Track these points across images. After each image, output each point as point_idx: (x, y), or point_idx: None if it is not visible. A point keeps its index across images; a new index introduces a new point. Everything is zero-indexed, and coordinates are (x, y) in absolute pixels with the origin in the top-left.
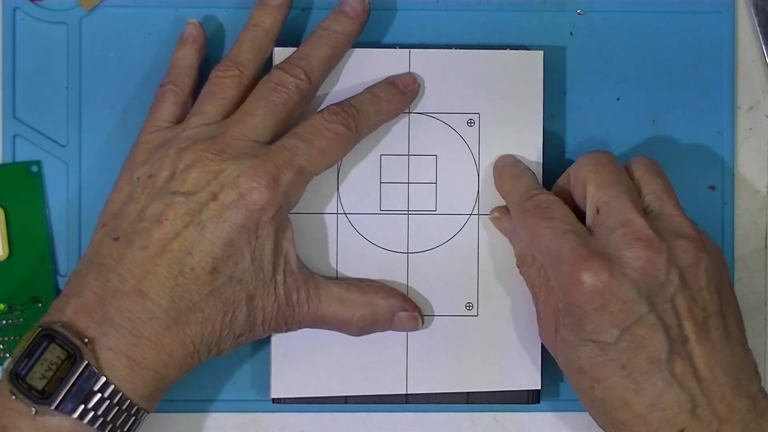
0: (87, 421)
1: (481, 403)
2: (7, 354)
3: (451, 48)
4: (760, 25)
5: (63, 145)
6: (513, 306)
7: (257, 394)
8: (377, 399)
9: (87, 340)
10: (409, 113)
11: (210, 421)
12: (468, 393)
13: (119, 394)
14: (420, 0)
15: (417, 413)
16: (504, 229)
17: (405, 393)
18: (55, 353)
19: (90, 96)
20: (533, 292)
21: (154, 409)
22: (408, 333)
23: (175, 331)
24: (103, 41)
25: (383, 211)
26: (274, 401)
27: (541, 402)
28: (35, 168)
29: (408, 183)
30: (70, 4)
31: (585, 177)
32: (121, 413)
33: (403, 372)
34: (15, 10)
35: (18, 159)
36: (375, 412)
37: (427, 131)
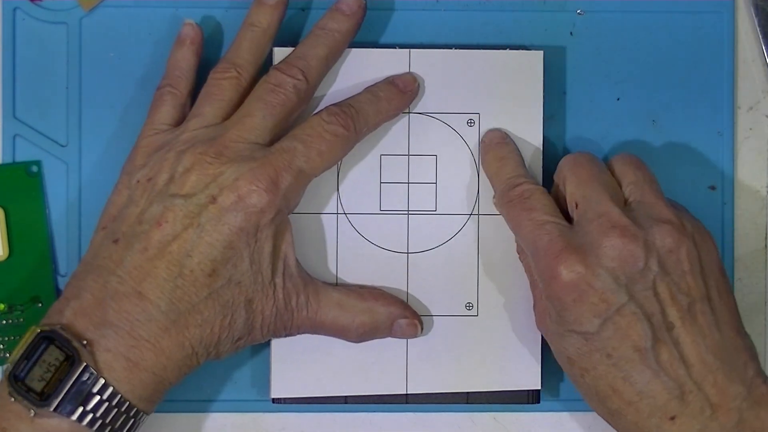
0: (86, 423)
1: (481, 403)
2: (7, 354)
3: (451, 48)
4: (760, 25)
5: (63, 145)
6: (513, 306)
7: (257, 394)
8: (377, 399)
9: (86, 342)
10: (409, 113)
11: (210, 421)
12: (468, 393)
13: (118, 395)
14: (420, 0)
15: (417, 413)
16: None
17: (405, 393)
18: (54, 355)
19: (90, 96)
20: (530, 279)
21: (152, 411)
22: None
23: (174, 333)
24: (103, 41)
25: (383, 211)
26: (274, 401)
27: (541, 402)
28: (35, 168)
29: (408, 183)
30: (70, 4)
31: (565, 176)
32: (120, 415)
33: (403, 372)
34: (15, 10)
35: (18, 159)
36: (375, 412)
37: (427, 131)
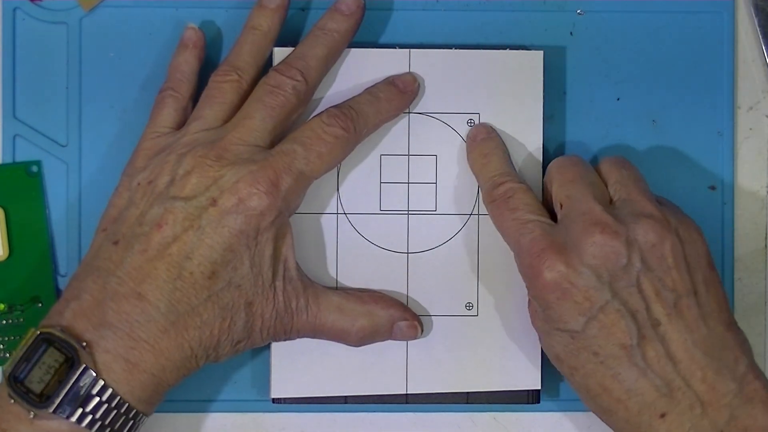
0: (85, 425)
1: (481, 403)
2: (7, 354)
3: (451, 48)
4: (760, 25)
5: (63, 145)
6: (513, 306)
7: (257, 394)
8: (377, 399)
9: (85, 343)
10: (409, 113)
11: (210, 421)
12: (468, 393)
13: (117, 397)
14: (420, 0)
15: (417, 413)
16: None
17: (405, 393)
18: (53, 357)
19: (90, 96)
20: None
21: (152, 413)
22: None
23: (173, 335)
24: (103, 41)
25: (383, 211)
26: (274, 401)
27: (541, 402)
28: (35, 168)
29: (408, 183)
30: (70, 4)
31: (551, 177)
32: (119, 417)
33: (403, 372)
34: (15, 10)
35: (18, 159)
36: (375, 412)
37: (427, 131)
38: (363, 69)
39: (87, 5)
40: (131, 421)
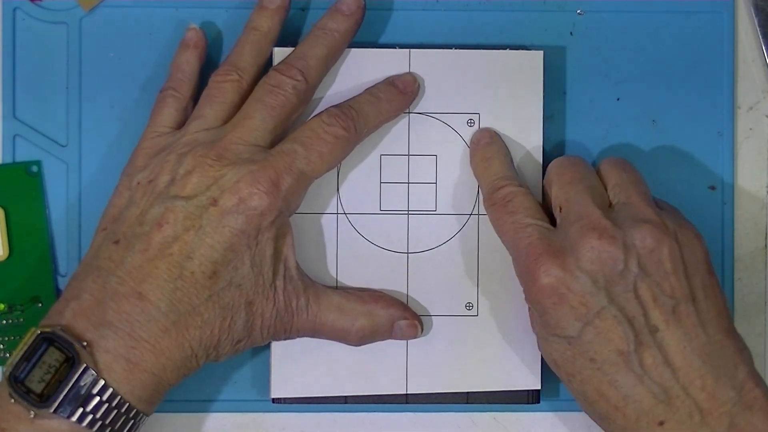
0: (85, 425)
1: (481, 403)
2: (7, 354)
3: (451, 48)
4: (760, 25)
5: (63, 145)
6: (513, 306)
7: (257, 394)
8: (377, 399)
9: (85, 343)
10: (409, 113)
11: (210, 421)
12: (468, 393)
13: (117, 397)
14: (420, 0)
15: (417, 413)
16: None
17: (405, 393)
18: (54, 356)
19: (90, 96)
20: None
21: (152, 412)
22: None
23: (174, 334)
24: (103, 41)
25: (383, 211)
26: (274, 401)
27: (541, 402)
28: (35, 168)
29: (408, 183)
30: (70, 4)
31: (551, 179)
32: (120, 416)
33: (403, 372)
34: (15, 10)
35: (18, 159)
36: (375, 412)
37: (427, 131)
38: (363, 69)
39: (87, 5)
40: (132, 421)
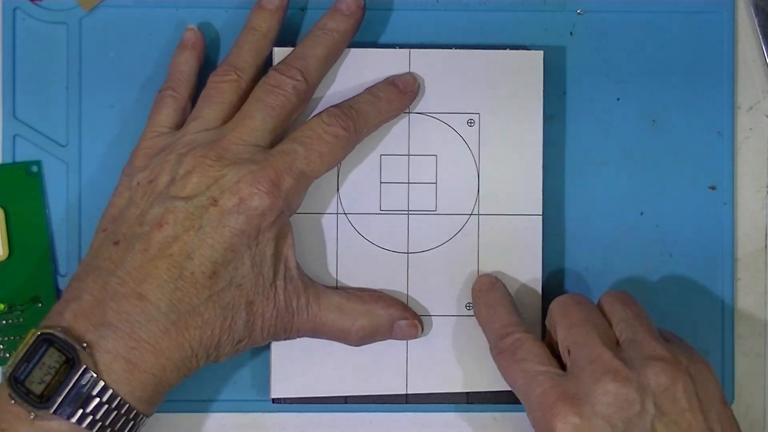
0: (85, 426)
1: (481, 403)
2: (8, 354)
3: (451, 48)
4: (760, 25)
5: (63, 145)
6: None
7: (257, 394)
8: (377, 399)
9: (85, 344)
10: (409, 113)
11: (210, 421)
12: (468, 393)
13: (117, 398)
14: (420, 0)
15: (417, 413)
16: None
17: (405, 393)
18: (54, 357)
19: (90, 96)
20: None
21: (153, 413)
22: None
23: (174, 335)
24: (103, 41)
25: (383, 211)
26: (274, 401)
27: None
28: (35, 168)
29: (408, 183)
30: (70, 4)
31: (555, 321)
32: (120, 417)
33: (403, 372)
34: (15, 10)
35: (18, 159)
36: (375, 412)
37: (427, 131)
38: (363, 69)
39: (87, 5)
40: (132, 422)
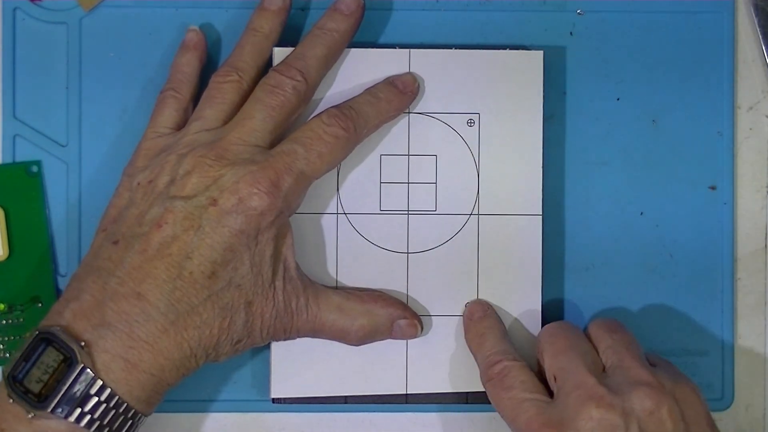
0: (84, 425)
1: (481, 403)
2: (7, 354)
3: (451, 48)
4: (760, 25)
5: (63, 145)
6: (513, 306)
7: (257, 394)
8: (377, 399)
9: (84, 343)
10: (409, 113)
11: (210, 421)
12: (468, 393)
13: (116, 397)
14: (420, 0)
15: (417, 413)
16: None
17: (405, 393)
18: (52, 356)
19: (90, 96)
20: None
21: (151, 413)
22: None
23: (173, 334)
24: (103, 41)
25: (383, 211)
26: (274, 401)
27: None
28: (35, 168)
29: (408, 183)
30: (70, 4)
31: (542, 349)
32: (118, 416)
33: (403, 372)
34: (15, 10)
35: (18, 159)
36: (375, 412)
37: (427, 131)
38: (363, 69)
39: (87, 5)
40: (130, 421)
